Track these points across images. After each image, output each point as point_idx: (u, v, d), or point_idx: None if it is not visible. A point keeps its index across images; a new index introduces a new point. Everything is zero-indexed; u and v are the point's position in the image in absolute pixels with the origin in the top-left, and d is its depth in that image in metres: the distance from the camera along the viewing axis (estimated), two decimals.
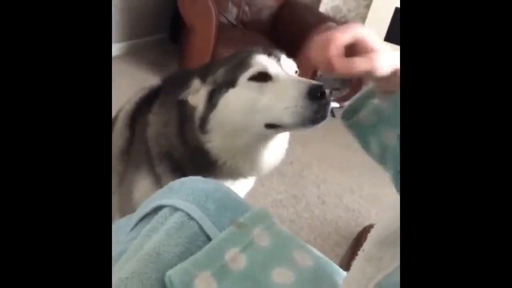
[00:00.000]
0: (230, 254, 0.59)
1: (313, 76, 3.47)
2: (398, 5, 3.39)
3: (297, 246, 0.66)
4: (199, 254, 0.58)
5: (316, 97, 0.82)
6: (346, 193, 2.42)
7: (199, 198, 0.65)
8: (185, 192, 0.67)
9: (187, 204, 0.64)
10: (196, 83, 0.96)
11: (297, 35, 3.18)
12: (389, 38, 3.49)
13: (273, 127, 0.89)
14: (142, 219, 0.67)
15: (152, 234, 0.62)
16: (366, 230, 1.92)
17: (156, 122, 1.04)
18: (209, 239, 0.61)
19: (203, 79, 0.95)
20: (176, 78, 1.07)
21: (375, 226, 0.55)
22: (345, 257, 1.79)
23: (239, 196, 0.72)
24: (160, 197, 0.68)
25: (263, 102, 0.88)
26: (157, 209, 0.66)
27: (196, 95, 0.95)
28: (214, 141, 0.94)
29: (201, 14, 2.97)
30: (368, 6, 3.58)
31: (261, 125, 0.90)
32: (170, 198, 0.66)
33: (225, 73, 0.92)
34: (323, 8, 3.78)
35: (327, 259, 0.68)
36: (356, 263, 0.54)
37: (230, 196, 0.70)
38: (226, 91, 0.90)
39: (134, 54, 3.61)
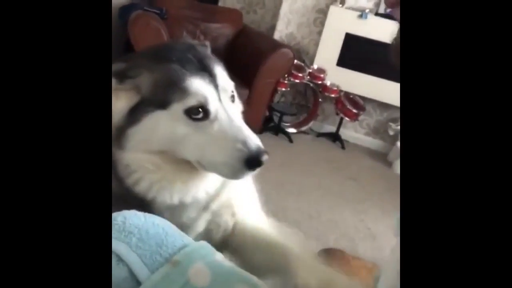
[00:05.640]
0: None
1: (272, 97, 3.49)
2: (348, 31, 3.48)
3: (240, 280, 0.61)
4: None
5: (252, 167, 0.74)
6: (304, 220, 2.39)
7: (131, 235, 0.60)
8: (116, 228, 0.61)
9: (117, 242, 0.59)
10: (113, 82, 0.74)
11: (252, 62, 3.19)
12: (341, 62, 3.57)
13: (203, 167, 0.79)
14: None
15: None
16: (323, 251, 1.88)
17: None
18: (139, 283, 0.56)
19: (121, 79, 0.75)
20: None
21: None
22: None
23: (178, 231, 0.67)
24: None
25: (197, 144, 0.75)
26: None
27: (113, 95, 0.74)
28: (132, 159, 0.77)
29: (153, 43, 2.93)
30: (320, 33, 3.64)
31: (190, 158, 0.78)
32: None
33: (152, 86, 0.75)
34: (277, 35, 3.82)
35: None
36: None
37: (167, 231, 0.65)
38: (153, 111, 0.74)
39: None
